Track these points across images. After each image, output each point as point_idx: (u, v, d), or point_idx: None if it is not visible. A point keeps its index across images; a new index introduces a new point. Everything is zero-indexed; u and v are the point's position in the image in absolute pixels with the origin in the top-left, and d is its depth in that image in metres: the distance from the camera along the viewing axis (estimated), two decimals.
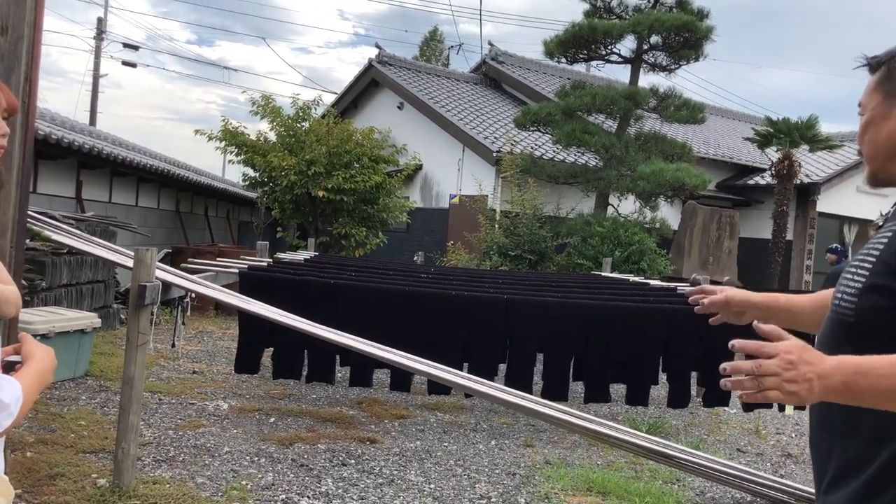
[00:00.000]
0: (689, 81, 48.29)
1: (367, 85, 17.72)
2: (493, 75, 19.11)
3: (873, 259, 1.27)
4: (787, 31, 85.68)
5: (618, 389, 5.74)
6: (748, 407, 5.49)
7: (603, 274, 8.50)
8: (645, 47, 12.26)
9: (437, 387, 4.99)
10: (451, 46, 31.24)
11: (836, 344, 1.30)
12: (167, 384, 6.29)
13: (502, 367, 5.23)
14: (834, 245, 11.38)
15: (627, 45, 12.41)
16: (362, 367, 5.02)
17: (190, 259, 6.15)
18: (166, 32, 67.41)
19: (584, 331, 5.12)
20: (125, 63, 25.43)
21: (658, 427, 5.94)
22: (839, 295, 1.33)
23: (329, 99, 18.56)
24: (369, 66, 17.38)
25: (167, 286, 4.14)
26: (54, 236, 4.44)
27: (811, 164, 16.48)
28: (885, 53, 1.44)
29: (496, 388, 4.17)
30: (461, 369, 4.63)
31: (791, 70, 74.04)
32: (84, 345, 6.24)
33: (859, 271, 1.29)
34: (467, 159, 14.36)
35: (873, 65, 1.45)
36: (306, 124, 12.74)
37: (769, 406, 5.49)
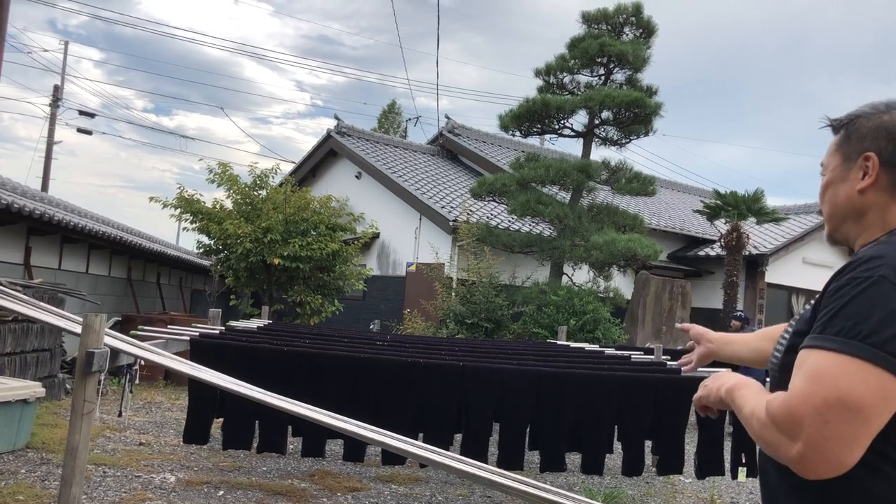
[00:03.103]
0: (639, 155, 49.68)
1: (325, 154, 17.90)
2: (449, 147, 19.48)
3: (796, 321, 1.41)
4: (732, 107, 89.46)
5: (574, 459, 5.72)
6: (702, 474, 5.52)
7: (558, 342, 8.54)
8: (597, 122, 12.66)
9: (392, 457, 4.90)
10: (409, 119, 31.96)
11: (771, 391, 1.42)
12: (112, 456, 6.07)
13: (458, 437, 5.18)
14: (739, 312, 11.61)
15: (580, 120, 12.83)
16: (315, 437, 4.92)
17: (140, 326, 6.03)
18: (123, 101, 67.33)
19: (539, 398, 5.12)
20: (80, 130, 25.30)
21: (614, 497, 5.90)
22: (774, 352, 1.46)
23: (287, 168, 18.68)
24: (328, 137, 17.59)
25: (116, 353, 4.05)
26: None
27: (759, 237, 16.95)
28: (846, 116, 1.49)
29: (452, 458, 4.12)
30: (416, 438, 4.57)
31: (736, 145, 76.86)
32: (26, 415, 6.02)
33: (785, 334, 1.43)
34: (424, 228, 14.49)
35: (835, 126, 1.51)
36: (263, 192, 12.75)
37: (721, 473, 5.54)
